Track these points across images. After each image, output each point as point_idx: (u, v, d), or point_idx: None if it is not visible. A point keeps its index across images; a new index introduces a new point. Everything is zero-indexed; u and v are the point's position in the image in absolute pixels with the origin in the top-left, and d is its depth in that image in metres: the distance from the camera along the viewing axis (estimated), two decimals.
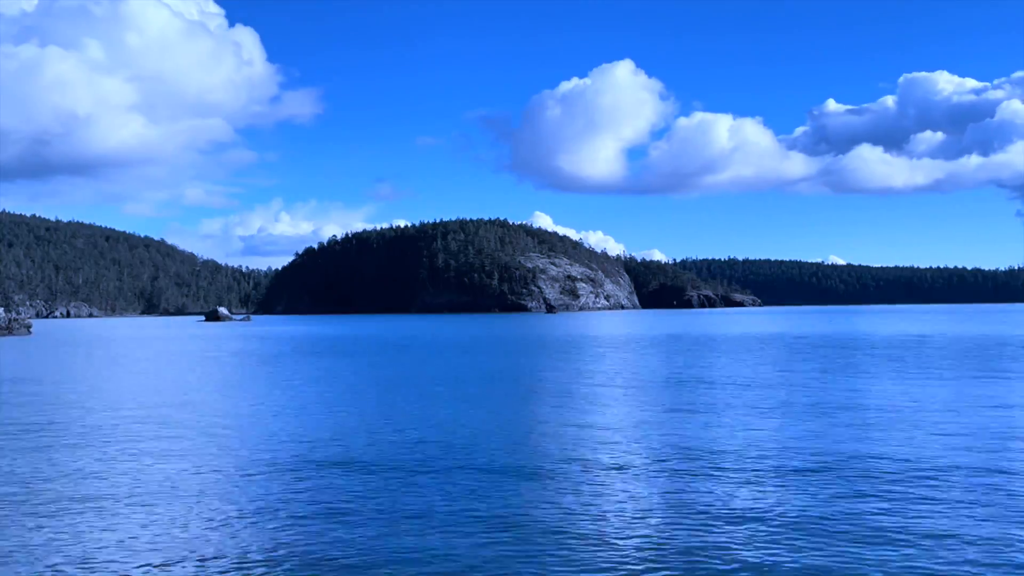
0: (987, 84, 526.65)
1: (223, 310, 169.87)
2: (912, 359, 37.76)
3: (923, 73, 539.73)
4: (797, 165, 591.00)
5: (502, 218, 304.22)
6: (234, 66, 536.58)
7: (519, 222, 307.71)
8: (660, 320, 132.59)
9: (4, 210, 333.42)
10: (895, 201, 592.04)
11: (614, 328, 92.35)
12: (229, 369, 37.84)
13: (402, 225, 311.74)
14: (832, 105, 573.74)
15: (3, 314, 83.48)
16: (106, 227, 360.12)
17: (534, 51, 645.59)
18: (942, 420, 18.66)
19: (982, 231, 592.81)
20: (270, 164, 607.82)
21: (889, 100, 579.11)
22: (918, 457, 14.39)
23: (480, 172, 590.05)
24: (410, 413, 21.02)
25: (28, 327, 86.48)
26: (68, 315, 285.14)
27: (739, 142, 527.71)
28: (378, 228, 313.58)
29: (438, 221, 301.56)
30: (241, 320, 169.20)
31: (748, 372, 32.03)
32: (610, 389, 26.37)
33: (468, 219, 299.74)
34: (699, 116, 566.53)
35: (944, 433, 16.88)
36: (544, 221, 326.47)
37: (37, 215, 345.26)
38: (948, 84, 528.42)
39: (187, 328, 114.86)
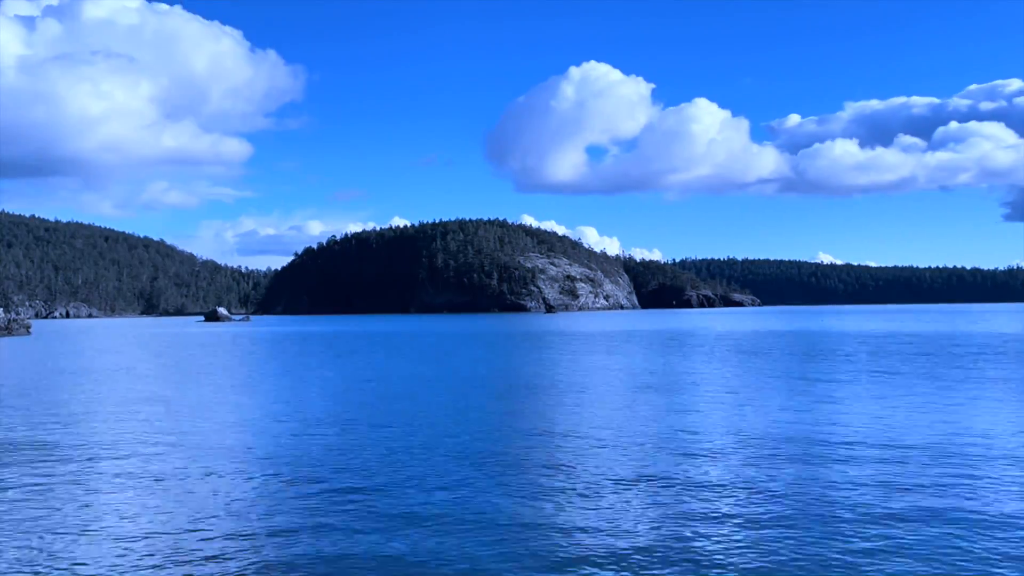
0: (939, 99, 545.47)
1: (222, 310, 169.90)
2: (865, 356, 38.03)
3: (875, 100, 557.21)
4: (768, 163, 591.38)
5: (500, 218, 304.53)
6: (238, 71, 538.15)
7: (517, 222, 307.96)
8: (655, 320, 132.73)
9: (4, 210, 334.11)
10: (874, 201, 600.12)
11: (611, 327, 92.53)
12: (232, 372, 37.93)
13: (401, 225, 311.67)
14: (794, 119, 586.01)
15: (2, 315, 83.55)
16: (105, 227, 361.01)
17: (514, 52, 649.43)
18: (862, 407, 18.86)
19: (941, 230, 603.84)
20: (270, 168, 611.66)
21: (849, 113, 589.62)
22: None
23: (464, 174, 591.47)
24: (415, 412, 21.14)
25: (27, 327, 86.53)
26: (67, 315, 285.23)
27: (715, 140, 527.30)
28: (377, 228, 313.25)
29: (437, 221, 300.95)
30: (240, 320, 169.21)
31: (724, 370, 32.25)
32: (610, 386, 26.57)
33: (467, 219, 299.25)
34: (674, 114, 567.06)
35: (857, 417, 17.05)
36: (532, 223, 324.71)
37: (36, 215, 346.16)
38: (912, 96, 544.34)
39: (186, 328, 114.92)
